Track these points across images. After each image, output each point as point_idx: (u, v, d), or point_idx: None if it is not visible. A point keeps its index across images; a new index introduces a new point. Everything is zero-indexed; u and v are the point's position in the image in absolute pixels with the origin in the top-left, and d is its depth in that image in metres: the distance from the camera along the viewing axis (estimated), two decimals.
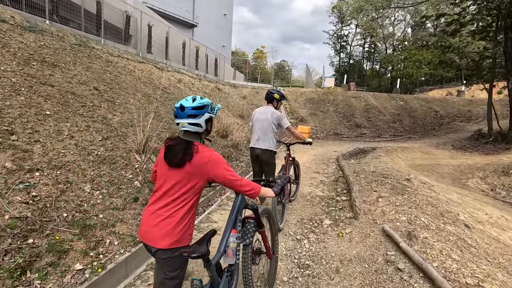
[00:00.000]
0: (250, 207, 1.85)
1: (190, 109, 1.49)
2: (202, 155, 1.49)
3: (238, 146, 7.54)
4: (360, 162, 6.31)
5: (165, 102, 7.75)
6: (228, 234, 1.62)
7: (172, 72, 11.88)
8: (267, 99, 3.72)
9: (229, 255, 1.57)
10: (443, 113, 17.37)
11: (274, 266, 2.22)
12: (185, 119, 1.49)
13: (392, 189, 3.87)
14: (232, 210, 1.74)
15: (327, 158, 8.10)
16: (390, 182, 4.14)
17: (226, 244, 1.59)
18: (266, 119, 3.50)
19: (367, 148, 9.04)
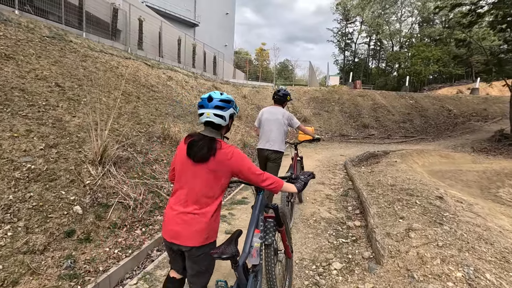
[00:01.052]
0: (271, 206, 1.85)
1: (218, 101, 1.51)
2: (225, 151, 1.48)
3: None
4: (373, 171, 5.31)
5: (148, 102, 6.84)
6: (252, 234, 1.57)
7: (164, 70, 11.00)
8: (277, 100, 3.63)
9: (253, 255, 1.55)
10: (456, 112, 16.22)
11: (290, 266, 2.20)
12: (211, 109, 1.49)
13: (424, 213, 2.88)
14: (254, 210, 1.71)
15: (333, 164, 7.11)
16: (419, 203, 3.14)
17: (250, 244, 1.53)
18: (277, 119, 3.47)
19: (378, 152, 8.02)
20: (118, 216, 2.94)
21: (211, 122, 1.50)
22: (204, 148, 1.45)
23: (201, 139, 1.49)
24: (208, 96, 1.52)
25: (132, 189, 3.43)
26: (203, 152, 1.44)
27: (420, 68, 29.12)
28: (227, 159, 1.47)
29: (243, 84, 18.06)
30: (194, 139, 1.50)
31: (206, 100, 1.52)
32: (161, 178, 4.03)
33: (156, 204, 3.46)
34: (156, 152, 4.68)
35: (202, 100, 1.53)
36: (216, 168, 1.46)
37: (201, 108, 1.52)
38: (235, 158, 1.49)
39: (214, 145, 1.46)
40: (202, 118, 1.52)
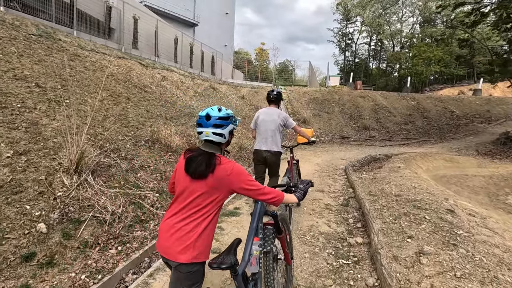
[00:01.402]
0: (270, 213, 1.81)
1: (216, 119, 1.47)
2: (224, 167, 1.44)
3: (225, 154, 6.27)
4: (375, 177, 4.98)
5: (139, 103, 6.52)
6: (251, 242, 1.55)
7: (160, 70, 10.69)
8: (272, 101, 3.59)
9: (252, 263, 1.51)
10: (459, 113, 15.89)
11: (290, 273, 2.16)
12: (210, 128, 1.46)
13: (435, 231, 2.56)
14: (253, 218, 1.68)
15: (333, 168, 6.78)
16: (428, 218, 2.82)
17: (250, 252, 1.50)
18: (273, 120, 3.45)
19: (380, 156, 7.70)
20: (91, 233, 2.62)
21: (211, 140, 1.48)
22: (202, 165, 1.42)
23: (200, 154, 1.47)
24: (206, 114, 1.48)
25: (111, 200, 3.10)
26: (202, 168, 1.42)
27: (422, 69, 28.80)
28: (226, 175, 1.44)
29: (242, 85, 17.75)
30: (193, 154, 1.48)
31: (204, 119, 1.48)
32: (146, 187, 3.71)
33: (137, 218, 3.14)
34: (143, 157, 4.36)
35: (200, 118, 1.49)
36: (215, 184, 1.44)
37: (200, 126, 1.49)
38: (234, 173, 1.45)
39: (213, 161, 1.44)
40: (202, 137, 1.49)
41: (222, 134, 1.48)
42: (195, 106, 9.16)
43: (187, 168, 1.45)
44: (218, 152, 1.51)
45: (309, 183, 1.83)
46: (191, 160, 1.46)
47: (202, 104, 9.85)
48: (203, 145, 1.52)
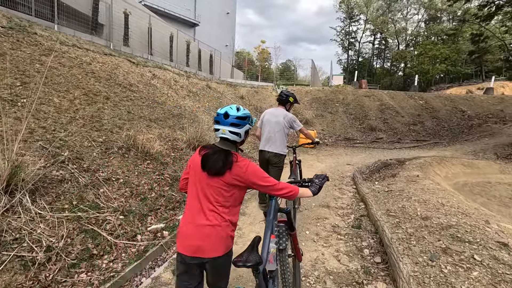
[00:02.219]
0: (284, 211, 1.83)
1: (234, 118, 1.50)
2: (240, 164, 1.48)
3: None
4: (391, 189, 4.20)
5: (120, 103, 5.79)
6: (268, 240, 1.56)
7: (152, 68, 9.98)
8: (280, 101, 3.62)
9: (270, 261, 1.52)
10: (471, 113, 15.01)
11: (299, 270, 2.14)
12: (227, 126, 1.50)
13: (495, 283, 1.78)
14: (268, 216, 1.71)
15: (340, 176, 6.00)
16: (479, 259, 2.05)
17: (267, 250, 1.52)
18: (278, 121, 3.44)
19: (392, 161, 6.90)
20: (7, 283, 1.87)
21: (227, 138, 1.51)
22: (219, 162, 1.45)
23: (216, 152, 1.49)
24: (225, 112, 1.51)
25: (51, 229, 2.36)
26: (219, 166, 1.45)
27: (428, 67, 27.89)
28: (242, 172, 1.47)
29: (241, 84, 17.00)
30: (209, 152, 1.50)
31: (223, 117, 1.51)
32: (108, 206, 2.96)
33: (86, 252, 2.39)
34: (112, 168, 3.62)
35: (218, 116, 1.53)
36: (232, 181, 1.47)
37: (217, 124, 1.53)
38: (250, 171, 1.48)
39: (230, 159, 1.47)
40: (218, 134, 1.53)
41: (238, 133, 1.51)
42: (188, 106, 8.43)
43: (203, 165, 1.47)
44: (233, 150, 1.53)
45: (325, 178, 1.80)
46: (207, 158, 1.48)
47: (196, 104, 9.12)
48: (219, 142, 1.56)
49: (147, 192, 3.54)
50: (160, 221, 3.16)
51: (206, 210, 1.46)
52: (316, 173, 1.89)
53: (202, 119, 8.06)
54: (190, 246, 1.44)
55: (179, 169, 4.53)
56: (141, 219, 3.07)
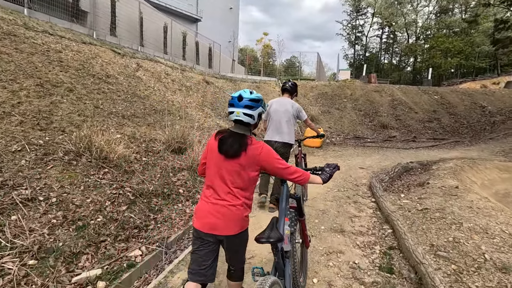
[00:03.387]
0: (294, 197, 1.90)
1: (247, 100, 1.55)
2: (255, 146, 1.55)
3: None
4: (426, 207, 3.15)
5: (87, 95, 4.81)
6: (283, 222, 1.66)
7: (141, 60, 9.04)
8: (286, 90, 3.57)
9: (285, 242, 1.60)
10: (492, 109, 13.76)
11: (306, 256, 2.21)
12: (241, 108, 1.54)
13: None
14: (280, 200, 1.80)
15: (353, 183, 4.95)
16: None
17: (283, 231, 1.61)
18: (286, 110, 3.39)
19: (413, 165, 5.82)
20: None
21: (241, 120, 1.55)
22: (235, 144, 1.51)
23: (232, 135, 1.55)
24: (239, 95, 1.57)
25: None
26: (235, 148, 1.51)
27: (440, 61, 26.46)
28: (257, 154, 1.53)
29: (242, 79, 15.97)
30: (224, 136, 1.56)
31: (237, 99, 1.56)
32: (15, 244, 1.97)
33: None
34: (46, 181, 2.64)
35: (232, 99, 1.58)
36: (247, 162, 1.53)
37: (231, 106, 1.58)
38: (264, 153, 1.55)
39: (246, 141, 1.54)
40: (232, 116, 1.58)
41: (252, 115, 1.56)
42: (177, 101, 7.44)
43: (220, 148, 1.54)
44: (248, 133, 1.59)
45: (336, 167, 1.82)
46: (224, 141, 1.54)
47: (188, 100, 8.11)
48: (234, 126, 1.61)
49: (91, 215, 2.55)
50: (98, 263, 2.16)
51: (222, 191, 1.53)
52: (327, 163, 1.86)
53: (193, 116, 7.06)
54: (206, 223, 1.51)
55: (149, 178, 3.54)
56: (69, 261, 2.07)
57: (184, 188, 3.79)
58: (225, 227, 1.49)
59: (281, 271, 1.53)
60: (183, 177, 4.00)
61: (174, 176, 3.94)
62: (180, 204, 3.42)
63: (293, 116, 3.44)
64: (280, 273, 1.54)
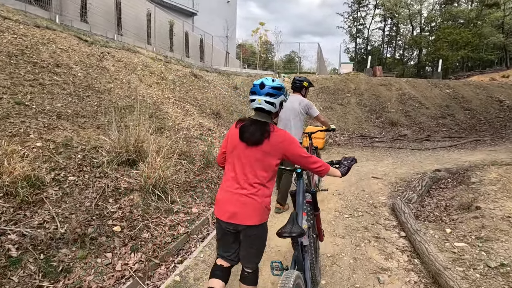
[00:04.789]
0: (310, 192, 1.92)
1: (269, 88, 1.53)
2: (278, 133, 1.53)
3: (164, 187, 3.20)
4: (501, 263, 1.92)
5: (11, 89, 3.57)
6: (301, 217, 1.65)
7: (115, 49, 7.83)
8: (295, 88, 3.59)
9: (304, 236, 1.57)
10: (510, 103, 12.51)
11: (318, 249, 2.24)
12: (263, 96, 1.52)
13: None
14: (297, 195, 1.78)
15: (369, 204, 3.72)
16: None
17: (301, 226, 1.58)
18: (293, 108, 3.37)
19: (442, 174, 4.61)
20: None
21: (262, 108, 1.53)
22: (257, 132, 1.49)
23: (253, 123, 1.53)
24: (261, 82, 1.55)
25: None
26: (257, 135, 1.49)
27: (446, 53, 25.10)
28: (279, 141, 1.51)
29: (237, 73, 14.71)
30: (245, 123, 1.54)
31: (258, 87, 1.54)
32: None
33: None
34: None
35: (254, 87, 1.56)
36: (270, 150, 1.50)
37: (253, 94, 1.56)
38: (287, 141, 1.53)
39: (268, 128, 1.51)
40: (254, 104, 1.56)
41: (273, 103, 1.53)
42: (151, 96, 6.19)
43: (242, 136, 1.51)
44: (269, 121, 1.55)
45: (353, 160, 1.83)
46: (245, 128, 1.51)
47: (165, 94, 6.86)
48: (255, 115, 1.58)
49: None
50: None
51: (243, 180, 1.49)
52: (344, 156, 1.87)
53: (168, 114, 5.82)
54: (226, 212, 1.49)
55: (67, 211, 2.31)
56: None
57: (126, 222, 2.57)
58: (245, 216, 1.47)
59: (301, 265, 1.52)
60: (129, 203, 2.78)
61: (115, 203, 2.72)
62: (110, 254, 2.20)
63: (301, 113, 3.39)
64: (299, 267, 1.52)
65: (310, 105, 3.44)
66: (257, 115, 1.57)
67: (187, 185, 3.64)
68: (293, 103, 3.40)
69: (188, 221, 2.97)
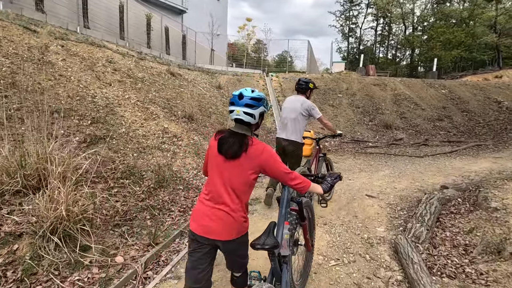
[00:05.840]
0: (295, 201, 1.80)
1: (248, 99, 1.50)
2: (256, 147, 1.48)
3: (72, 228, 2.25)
4: None
5: None
6: (282, 226, 1.62)
7: (75, 42, 6.86)
8: (299, 89, 3.51)
9: (284, 246, 1.57)
10: (509, 104, 11.88)
11: (310, 259, 2.22)
12: (241, 107, 1.49)
13: None
14: (281, 203, 1.73)
15: (362, 239, 2.85)
16: None
17: (281, 236, 1.57)
18: (294, 108, 3.35)
19: (451, 193, 3.78)
20: None
21: (241, 119, 1.50)
22: (235, 145, 1.45)
23: (232, 135, 1.49)
24: (239, 93, 1.52)
25: None
26: (235, 148, 1.45)
27: (439, 53, 24.61)
28: (257, 155, 1.47)
29: (222, 71, 13.75)
30: (224, 135, 1.50)
31: (237, 98, 1.51)
32: None
33: None
34: None
35: (233, 97, 1.53)
36: (247, 164, 1.46)
37: (232, 105, 1.53)
38: (265, 154, 1.48)
39: (246, 141, 1.47)
40: (232, 115, 1.53)
41: (252, 115, 1.49)
42: (104, 97, 5.19)
43: (219, 148, 1.48)
44: (248, 134, 1.52)
45: (338, 177, 1.78)
46: (223, 141, 1.48)
47: (126, 95, 5.87)
48: (234, 126, 1.54)
49: None
50: None
51: (221, 193, 1.46)
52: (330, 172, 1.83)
53: (124, 118, 4.84)
54: (202, 226, 1.45)
55: None
56: None
57: None
58: (221, 232, 1.42)
59: (278, 276, 1.50)
60: (8, 257, 1.84)
61: None
62: None
63: (302, 114, 3.32)
64: (277, 278, 1.51)
65: (313, 106, 3.36)
66: (236, 127, 1.54)
67: (120, 218, 2.69)
68: (295, 103, 3.37)
69: (102, 281, 2.03)
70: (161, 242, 2.61)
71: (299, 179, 1.51)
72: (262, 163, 1.47)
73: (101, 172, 3.10)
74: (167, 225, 2.92)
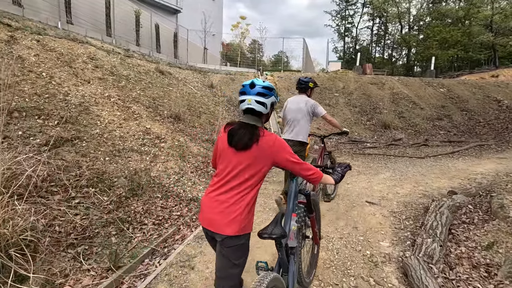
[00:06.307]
0: (303, 193, 1.83)
1: (260, 88, 1.46)
2: (267, 138, 1.44)
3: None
4: None
5: None
6: (290, 218, 1.61)
7: (53, 38, 6.44)
8: (300, 89, 3.51)
9: (291, 237, 1.56)
10: (509, 103, 11.60)
11: (317, 252, 2.22)
12: (253, 96, 1.44)
13: None
14: (289, 195, 1.72)
15: (364, 257, 2.45)
16: None
17: (289, 227, 1.58)
18: (299, 108, 3.34)
19: (461, 199, 3.40)
20: None
21: (252, 109, 1.45)
22: (246, 136, 1.41)
23: (242, 127, 1.45)
24: (251, 82, 1.48)
25: None
26: (245, 139, 1.41)
27: (436, 53, 24.40)
28: (269, 146, 1.43)
29: (215, 70, 13.33)
30: (233, 127, 1.47)
31: (248, 87, 1.47)
32: None
33: None
34: None
35: (244, 87, 1.49)
36: (259, 155, 1.42)
37: (243, 94, 1.47)
38: (277, 145, 1.44)
39: (257, 132, 1.42)
40: (243, 105, 1.47)
41: (264, 104, 1.45)
42: (79, 95, 4.74)
43: (230, 140, 1.44)
44: (259, 125, 1.47)
45: (347, 167, 1.77)
46: (233, 132, 1.44)
47: (106, 93, 5.42)
48: (244, 117, 1.49)
49: None
50: None
51: (227, 186, 1.41)
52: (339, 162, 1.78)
53: (100, 118, 4.39)
54: (205, 218, 1.43)
55: None
56: None
57: None
58: (222, 225, 1.36)
59: (286, 267, 1.49)
60: None
61: None
62: None
63: (307, 113, 3.31)
64: (284, 269, 1.49)
65: (316, 105, 3.39)
66: (246, 118, 1.47)
67: (77, 236, 2.26)
68: (299, 103, 3.36)
69: None
70: (125, 264, 2.17)
71: (313, 170, 1.49)
72: (274, 154, 1.43)
73: (61, 179, 2.66)
74: (136, 242, 2.48)
